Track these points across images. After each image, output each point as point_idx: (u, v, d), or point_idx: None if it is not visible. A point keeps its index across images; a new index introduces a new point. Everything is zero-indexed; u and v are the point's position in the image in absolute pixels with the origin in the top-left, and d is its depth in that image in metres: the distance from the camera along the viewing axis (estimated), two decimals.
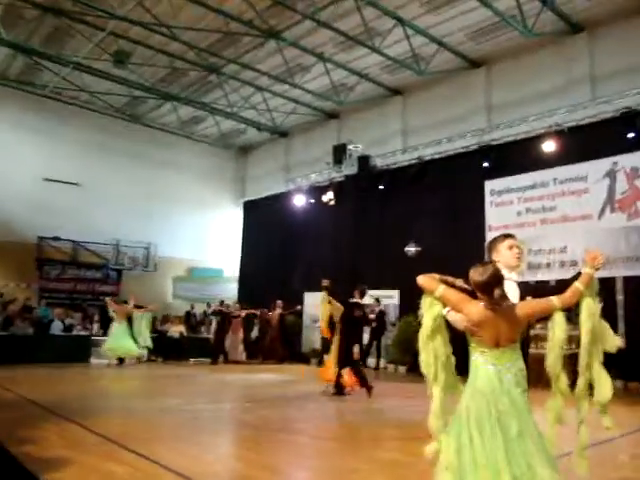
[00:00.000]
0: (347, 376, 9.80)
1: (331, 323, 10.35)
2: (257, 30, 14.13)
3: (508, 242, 3.71)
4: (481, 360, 3.04)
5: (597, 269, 3.24)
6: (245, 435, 6.94)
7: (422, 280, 3.19)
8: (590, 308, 3.26)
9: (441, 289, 3.11)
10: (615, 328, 11.07)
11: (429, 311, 3.18)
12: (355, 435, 6.85)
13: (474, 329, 3.02)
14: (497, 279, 2.99)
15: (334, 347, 10.10)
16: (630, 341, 10.98)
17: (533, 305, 3.14)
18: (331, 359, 10.09)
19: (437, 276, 3.20)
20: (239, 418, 8.02)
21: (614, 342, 3.26)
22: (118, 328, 14.31)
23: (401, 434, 6.72)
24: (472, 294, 3.09)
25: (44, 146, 18.40)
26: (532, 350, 11.68)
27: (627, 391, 10.69)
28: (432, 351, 3.15)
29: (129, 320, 14.59)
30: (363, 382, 9.72)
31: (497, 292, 2.96)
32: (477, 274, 3.01)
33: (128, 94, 18.15)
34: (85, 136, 19.00)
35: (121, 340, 14.18)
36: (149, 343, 14.87)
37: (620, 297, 11.40)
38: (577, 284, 3.21)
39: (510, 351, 3.04)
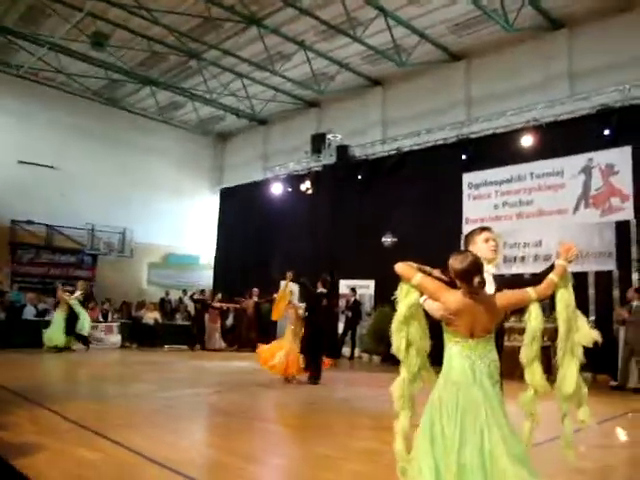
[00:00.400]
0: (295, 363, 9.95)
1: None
2: (238, 16, 14.01)
3: (485, 235, 3.72)
4: (455, 350, 3.04)
5: (570, 261, 3.28)
6: (220, 422, 6.94)
7: (400, 268, 3.23)
8: (565, 299, 3.28)
9: (418, 277, 3.14)
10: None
11: (405, 298, 3.21)
12: (329, 423, 6.88)
13: (450, 318, 3.02)
14: (477, 267, 3.00)
15: (291, 334, 10.17)
16: (600, 334, 11.21)
17: (510, 296, 3.15)
18: (281, 345, 10.14)
19: (414, 265, 3.23)
20: (214, 405, 8.02)
21: (590, 335, 3.27)
22: (57, 317, 14.03)
23: (374, 423, 6.77)
24: (449, 284, 3.11)
25: (18, 128, 18.05)
26: (506, 343, 11.86)
27: (595, 383, 10.88)
28: (405, 337, 3.21)
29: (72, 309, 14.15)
30: (314, 370, 9.98)
31: (477, 280, 2.96)
32: (457, 262, 3.01)
33: (106, 77, 17.89)
34: (61, 119, 18.71)
35: (56, 329, 13.86)
36: (85, 327, 14.34)
37: (592, 291, 11.57)
38: (552, 276, 3.23)
39: (484, 342, 3.04)
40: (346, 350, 15.04)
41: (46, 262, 18.60)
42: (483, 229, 3.80)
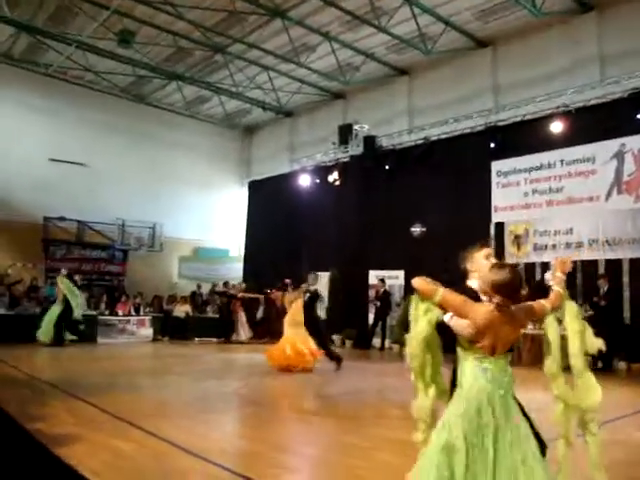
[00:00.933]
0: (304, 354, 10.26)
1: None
2: (263, 9, 14.01)
3: (485, 251, 3.61)
4: (476, 367, 2.91)
5: (565, 274, 3.26)
6: (250, 413, 7.01)
7: (419, 283, 3.03)
8: (573, 310, 3.18)
9: (441, 292, 2.95)
10: (621, 310, 11.15)
11: (425, 316, 3.04)
12: (359, 413, 6.90)
13: (478, 335, 2.86)
14: (521, 278, 2.90)
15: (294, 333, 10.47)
16: (635, 322, 11.04)
17: (529, 308, 3.03)
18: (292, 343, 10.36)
19: (429, 280, 3.06)
20: (244, 396, 8.09)
21: (596, 344, 3.13)
22: (52, 310, 14.03)
23: (404, 414, 6.75)
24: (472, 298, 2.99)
25: (49, 126, 18.35)
26: (531, 330, 11.76)
27: (630, 372, 10.73)
28: (425, 358, 3.13)
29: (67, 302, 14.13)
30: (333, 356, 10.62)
31: (523, 292, 2.89)
32: (499, 274, 2.86)
33: (133, 74, 18.07)
34: (90, 116, 18.95)
35: (47, 323, 13.85)
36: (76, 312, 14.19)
37: (626, 279, 11.38)
38: (557, 288, 3.19)
39: (504, 359, 2.95)
40: (376, 341, 15.03)
41: (78, 257, 18.89)
42: (482, 245, 3.70)
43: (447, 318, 2.99)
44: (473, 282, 3.45)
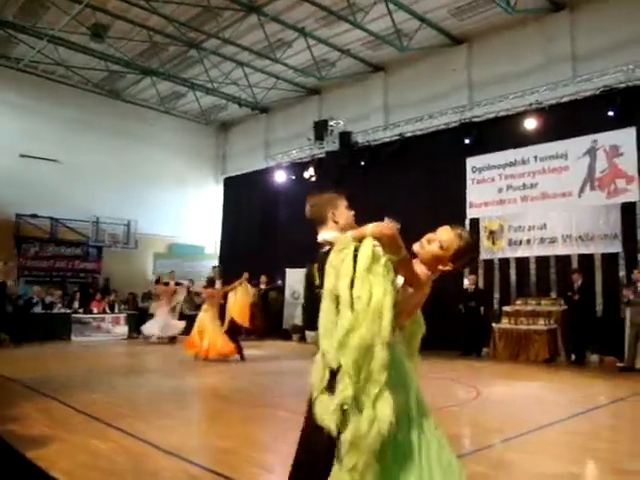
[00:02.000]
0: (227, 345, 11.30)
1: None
2: (238, 4, 13.92)
3: (346, 202, 3.31)
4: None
5: None
6: (227, 410, 6.98)
7: (390, 230, 2.45)
8: None
9: (404, 251, 2.44)
10: (593, 304, 11.34)
11: (387, 275, 2.34)
12: None
13: (413, 310, 2.61)
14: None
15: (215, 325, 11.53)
16: (607, 316, 11.24)
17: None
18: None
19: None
20: (222, 394, 8.06)
21: None
22: None
23: None
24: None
25: (20, 121, 18.02)
26: (511, 325, 11.90)
27: (602, 364, 10.92)
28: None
29: None
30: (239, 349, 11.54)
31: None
32: (467, 239, 2.68)
33: (106, 69, 17.83)
34: (63, 111, 18.68)
35: None
36: None
37: (598, 273, 11.57)
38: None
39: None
40: None
41: (51, 255, 18.64)
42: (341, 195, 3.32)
43: (400, 283, 2.50)
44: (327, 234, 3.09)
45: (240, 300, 11.66)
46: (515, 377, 9.46)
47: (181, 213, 21.18)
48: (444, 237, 2.66)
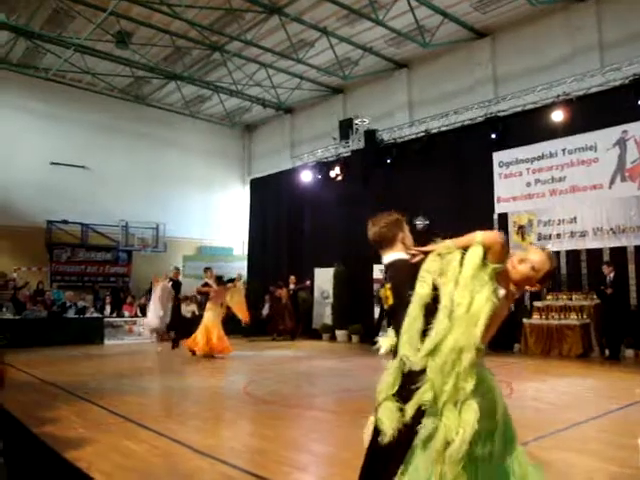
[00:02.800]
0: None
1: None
2: (259, 6, 13.99)
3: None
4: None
5: None
6: (259, 411, 7.00)
7: (502, 239, 2.45)
8: None
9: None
10: (627, 297, 11.12)
11: (490, 285, 2.38)
12: (367, 408, 6.88)
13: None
14: None
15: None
16: None
17: None
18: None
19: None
20: (253, 394, 8.09)
21: None
22: None
23: None
24: None
25: (49, 130, 18.38)
26: (542, 321, 11.75)
27: (638, 359, 10.71)
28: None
29: None
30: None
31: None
32: (551, 261, 2.63)
33: (131, 75, 18.07)
34: (90, 118, 18.98)
35: None
36: None
37: (631, 266, 11.34)
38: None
39: None
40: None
41: (82, 260, 18.95)
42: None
43: (502, 295, 2.48)
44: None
45: (237, 298, 12.83)
46: (548, 373, 9.34)
47: (209, 215, 21.36)
48: (536, 259, 2.62)
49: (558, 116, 12.44)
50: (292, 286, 16.78)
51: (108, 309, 16.74)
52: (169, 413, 6.43)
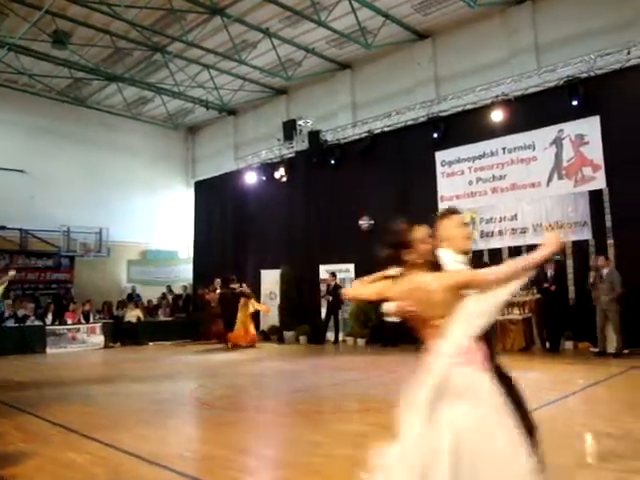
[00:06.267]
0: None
1: None
2: (201, 6, 13.84)
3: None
4: None
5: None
6: (207, 415, 6.94)
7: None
8: None
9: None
10: (566, 291, 11.48)
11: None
12: (317, 409, 6.91)
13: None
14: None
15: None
16: (579, 303, 11.38)
17: None
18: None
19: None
20: (199, 399, 8.00)
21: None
22: None
23: (362, 406, 6.83)
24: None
25: None
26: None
27: (577, 350, 11.07)
28: None
29: None
30: None
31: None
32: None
33: (70, 76, 17.58)
34: (27, 121, 18.39)
35: None
36: None
37: (569, 261, 11.71)
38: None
39: None
40: (330, 335, 15.06)
41: (22, 267, 18.33)
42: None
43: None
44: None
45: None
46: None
47: (153, 219, 21.00)
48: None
49: (497, 116, 12.77)
50: (217, 290, 16.26)
51: (50, 317, 16.24)
52: (115, 421, 6.28)
